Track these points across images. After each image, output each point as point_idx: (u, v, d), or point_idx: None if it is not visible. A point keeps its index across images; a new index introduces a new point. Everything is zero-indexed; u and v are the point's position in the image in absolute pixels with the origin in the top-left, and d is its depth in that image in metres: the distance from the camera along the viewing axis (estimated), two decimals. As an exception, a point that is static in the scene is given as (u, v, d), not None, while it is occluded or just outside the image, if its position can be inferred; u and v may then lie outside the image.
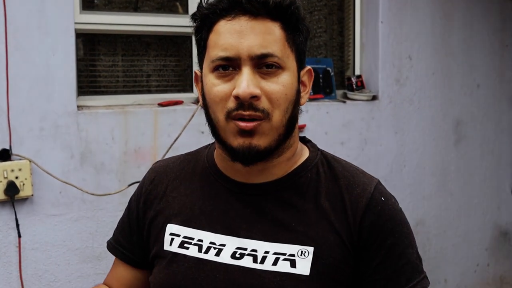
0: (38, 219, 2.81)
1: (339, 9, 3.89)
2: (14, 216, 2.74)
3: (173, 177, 1.40)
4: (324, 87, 3.66)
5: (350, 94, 3.71)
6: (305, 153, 1.35)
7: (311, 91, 3.52)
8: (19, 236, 2.75)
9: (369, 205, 1.24)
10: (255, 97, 1.17)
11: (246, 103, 1.17)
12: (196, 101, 3.23)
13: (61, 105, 2.82)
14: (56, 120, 2.82)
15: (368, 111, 3.68)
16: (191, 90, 3.32)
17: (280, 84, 1.20)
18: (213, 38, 1.22)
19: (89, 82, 3.12)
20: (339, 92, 3.78)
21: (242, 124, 1.18)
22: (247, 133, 1.18)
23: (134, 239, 1.43)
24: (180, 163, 1.44)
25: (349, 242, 1.23)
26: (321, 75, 3.66)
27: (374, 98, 3.72)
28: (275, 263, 1.22)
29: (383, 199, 1.27)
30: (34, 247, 2.80)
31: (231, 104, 1.18)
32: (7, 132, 2.71)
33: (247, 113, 1.17)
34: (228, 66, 1.19)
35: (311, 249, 1.22)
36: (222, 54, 1.19)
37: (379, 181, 1.31)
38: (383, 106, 3.72)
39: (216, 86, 1.20)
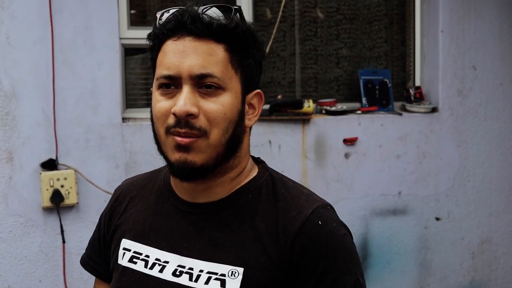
0: (83, 226, 2.94)
1: (400, 19, 3.80)
2: (59, 223, 2.89)
3: (134, 194, 1.44)
4: (380, 99, 3.58)
5: (408, 106, 3.61)
6: (253, 174, 1.33)
7: (365, 103, 3.46)
8: (64, 241, 2.90)
9: (302, 229, 1.21)
10: (191, 115, 1.19)
11: (182, 121, 1.19)
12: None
13: (106, 117, 2.95)
14: (102, 131, 2.95)
15: (427, 124, 3.56)
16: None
17: (219, 104, 1.21)
18: (160, 57, 1.25)
19: (139, 95, 3.24)
20: (398, 104, 3.69)
21: (178, 138, 1.20)
22: (183, 148, 1.20)
23: (103, 254, 1.48)
24: (143, 180, 1.47)
25: (279, 266, 1.21)
26: (377, 87, 3.59)
27: (434, 110, 3.59)
28: (207, 282, 1.23)
29: (320, 223, 1.22)
30: (79, 252, 2.89)
31: (171, 120, 1.21)
32: (54, 143, 2.86)
33: (183, 130, 1.19)
34: (170, 85, 1.22)
35: (241, 269, 1.21)
36: (165, 72, 1.22)
37: (323, 205, 1.27)
38: (444, 118, 3.59)
39: (159, 102, 1.24)
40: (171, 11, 1.25)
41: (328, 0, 3.63)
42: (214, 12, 1.23)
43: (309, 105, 3.30)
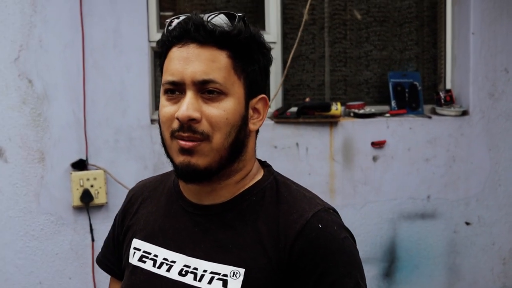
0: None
1: (432, 21, 3.77)
2: (89, 222, 2.96)
3: (146, 196, 1.50)
4: (410, 102, 3.56)
5: (438, 109, 3.58)
6: (257, 177, 1.36)
7: (395, 106, 3.45)
8: (93, 240, 2.97)
9: (302, 231, 1.23)
10: (194, 120, 1.23)
11: (185, 125, 1.23)
12: (271, 116, 3.28)
13: (135, 118, 3.01)
14: (131, 132, 3.01)
15: (457, 127, 3.52)
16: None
17: (221, 109, 1.25)
18: (166, 63, 1.30)
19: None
20: (428, 107, 3.66)
21: (182, 142, 1.24)
22: (187, 151, 1.24)
23: (117, 253, 1.53)
24: (155, 182, 1.53)
25: (278, 267, 1.24)
26: (407, 90, 3.57)
27: (464, 113, 3.56)
28: (210, 281, 1.26)
29: (320, 226, 1.25)
30: (108, 251, 2.99)
31: (175, 124, 1.25)
32: (84, 144, 2.93)
33: (186, 134, 1.24)
34: (175, 90, 1.26)
35: (242, 270, 1.25)
36: (170, 78, 1.26)
37: (325, 209, 1.29)
38: (475, 122, 3.55)
39: (165, 107, 1.28)
40: (180, 18, 1.29)
41: (358, 2, 3.62)
42: (220, 19, 1.26)
43: (337, 108, 3.30)
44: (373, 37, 3.67)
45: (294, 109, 3.33)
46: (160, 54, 1.33)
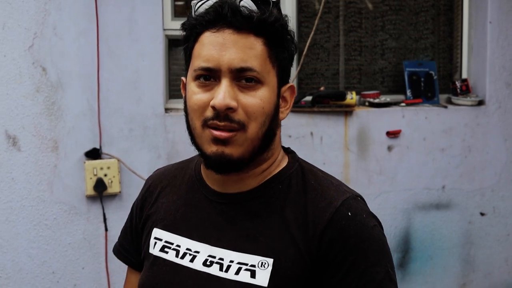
0: (125, 215, 2.91)
1: (448, 10, 3.72)
2: (102, 211, 2.94)
3: (165, 184, 1.46)
4: (426, 92, 3.53)
5: (454, 99, 3.54)
6: (282, 164, 1.34)
7: (410, 95, 3.41)
8: (106, 229, 2.95)
9: (332, 220, 1.21)
10: (230, 109, 1.19)
11: (222, 114, 1.20)
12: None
13: (149, 107, 2.98)
14: (144, 121, 2.98)
15: (473, 117, 3.48)
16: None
17: (258, 98, 1.22)
18: (197, 48, 1.25)
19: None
20: (444, 97, 3.62)
21: (216, 132, 1.21)
22: (221, 141, 1.21)
23: (135, 243, 1.50)
24: (174, 170, 1.49)
25: (308, 257, 1.21)
26: (422, 79, 3.53)
27: (481, 103, 3.52)
28: (237, 272, 1.24)
29: (349, 214, 1.22)
30: (122, 240, 2.97)
31: (209, 113, 1.21)
32: (98, 132, 2.91)
33: (222, 123, 1.20)
34: (209, 77, 1.22)
35: (270, 260, 1.22)
36: (204, 64, 1.22)
37: (353, 196, 1.27)
38: (491, 112, 3.51)
39: (196, 94, 1.23)
40: (209, 2, 1.24)
41: (373, -9, 3.58)
42: (249, 4, 1.22)
43: (351, 97, 3.27)
44: (389, 26, 3.62)
45: (308, 98, 3.30)
46: (187, 37, 1.28)
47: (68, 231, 2.94)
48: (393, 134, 3.34)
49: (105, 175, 2.91)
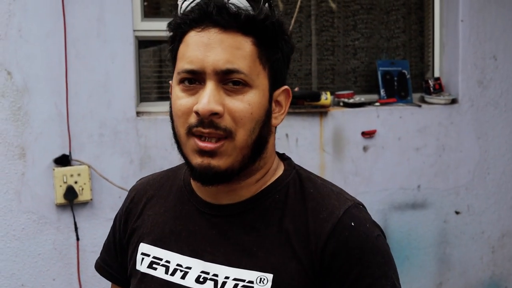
0: (98, 223, 2.88)
1: (419, 8, 3.71)
2: (73, 220, 2.83)
3: (151, 195, 1.36)
4: (399, 91, 3.50)
5: (427, 98, 3.52)
6: (278, 173, 1.25)
7: (384, 95, 3.37)
8: (77, 239, 2.84)
9: (335, 231, 1.14)
10: (216, 114, 1.11)
11: (206, 120, 1.11)
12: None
13: (120, 111, 2.88)
14: (115, 126, 2.88)
15: (447, 116, 3.47)
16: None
17: (246, 103, 1.13)
18: (182, 49, 1.16)
19: (153, 89, 3.17)
20: (417, 96, 3.60)
21: (202, 144, 1.12)
22: (207, 153, 1.12)
23: (119, 259, 1.40)
24: (160, 179, 1.39)
25: (311, 271, 1.14)
26: (395, 78, 3.50)
27: (454, 101, 3.51)
28: None
29: (353, 224, 1.15)
30: (94, 249, 2.87)
31: (192, 119, 1.12)
32: (67, 138, 2.80)
33: (206, 130, 1.11)
34: (194, 80, 1.13)
35: (270, 276, 1.14)
36: (187, 66, 1.13)
37: (355, 204, 1.19)
38: (464, 110, 3.50)
39: (180, 99, 1.15)
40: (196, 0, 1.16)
41: (344, -11, 3.54)
42: (239, 1, 1.13)
43: (326, 97, 3.22)
44: (360, 25, 3.59)
45: (282, 99, 3.23)
46: (172, 38, 1.20)
47: (37, 241, 2.82)
48: (368, 134, 3.31)
49: (76, 182, 2.80)
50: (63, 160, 2.79)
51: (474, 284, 3.63)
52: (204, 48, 1.12)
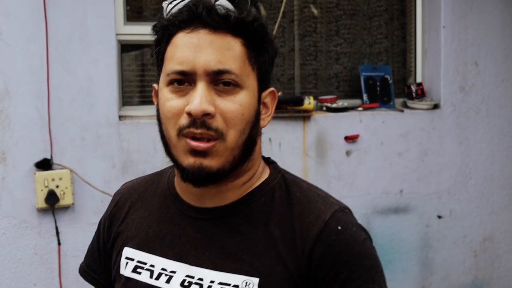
0: (80, 227, 2.86)
1: (401, 14, 3.73)
2: (54, 224, 2.81)
3: (135, 199, 1.35)
4: (382, 96, 3.52)
5: (410, 103, 3.55)
6: (264, 176, 1.25)
7: (367, 100, 3.39)
8: (59, 243, 2.82)
9: (321, 235, 1.13)
10: (208, 115, 1.10)
11: (198, 121, 1.10)
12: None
13: (102, 115, 2.87)
14: (98, 130, 2.87)
15: (429, 121, 3.49)
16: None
17: (237, 103, 1.13)
18: (170, 50, 1.16)
19: (135, 92, 3.16)
20: (399, 101, 3.62)
21: (194, 143, 1.11)
22: (199, 153, 1.12)
23: (103, 263, 1.39)
24: (144, 183, 1.38)
25: (297, 275, 1.13)
26: (378, 83, 3.52)
27: (436, 106, 3.53)
28: None
29: (339, 228, 1.15)
30: (76, 254, 2.85)
31: (184, 120, 1.12)
32: (48, 142, 2.78)
33: (199, 131, 1.11)
34: (184, 81, 1.13)
35: (256, 280, 1.13)
36: (177, 68, 1.12)
37: (341, 208, 1.19)
38: (446, 115, 3.53)
39: (169, 100, 1.14)
40: (182, 1, 1.15)
41: (327, -5, 3.56)
42: (224, 3, 1.13)
43: (309, 102, 3.23)
44: (343, 31, 3.61)
45: (265, 103, 3.23)
46: (158, 40, 1.19)
47: (18, 246, 2.79)
48: (351, 139, 3.32)
49: (57, 186, 2.78)
50: (45, 164, 2.77)
51: (457, 288, 3.65)
52: (194, 49, 1.12)
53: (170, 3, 1.18)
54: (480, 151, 3.63)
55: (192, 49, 1.12)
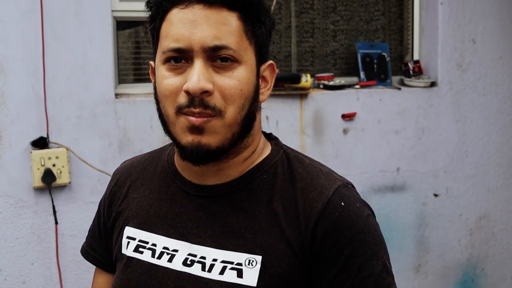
0: (76, 206, 2.84)
1: (398, -9, 3.70)
2: (51, 203, 2.79)
3: (135, 177, 1.34)
4: (379, 73, 3.50)
5: (407, 81, 3.53)
6: (266, 152, 1.24)
7: (364, 77, 3.36)
8: (56, 223, 2.80)
9: (325, 211, 1.12)
10: (206, 92, 1.09)
11: (196, 99, 1.09)
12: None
13: (98, 93, 2.84)
14: (94, 108, 2.84)
15: (426, 98, 3.48)
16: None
17: (235, 79, 1.11)
18: (165, 27, 1.14)
19: (131, 70, 3.13)
20: (396, 79, 3.61)
21: (192, 118, 1.10)
22: (197, 129, 1.10)
23: (104, 243, 1.38)
24: (144, 161, 1.36)
25: (300, 252, 1.12)
26: (375, 61, 3.50)
27: (433, 84, 3.52)
28: (222, 272, 1.14)
29: (343, 204, 1.14)
30: (72, 233, 2.83)
31: (182, 99, 1.10)
32: (44, 120, 2.75)
33: (197, 110, 1.09)
34: (180, 58, 1.11)
35: (259, 258, 1.13)
36: (173, 45, 1.10)
37: (344, 184, 1.19)
38: (443, 93, 3.52)
39: (166, 79, 1.12)
40: None
41: (324, -29, 3.52)
42: None
43: (306, 80, 3.21)
44: (340, 7, 3.57)
45: (262, 81, 3.21)
46: (152, 17, 1.17)
47: (15, 225, 2.77)
48: (348, 117, 3.31)
49: (54, 165, 2.75)
50: (41, 143, 2.74)
51: (452, 266, 3.66)
52: (190, 25, 1.10)
53: None
54: (477, 129, 3.62)
55: (187, 25, 1.10)
